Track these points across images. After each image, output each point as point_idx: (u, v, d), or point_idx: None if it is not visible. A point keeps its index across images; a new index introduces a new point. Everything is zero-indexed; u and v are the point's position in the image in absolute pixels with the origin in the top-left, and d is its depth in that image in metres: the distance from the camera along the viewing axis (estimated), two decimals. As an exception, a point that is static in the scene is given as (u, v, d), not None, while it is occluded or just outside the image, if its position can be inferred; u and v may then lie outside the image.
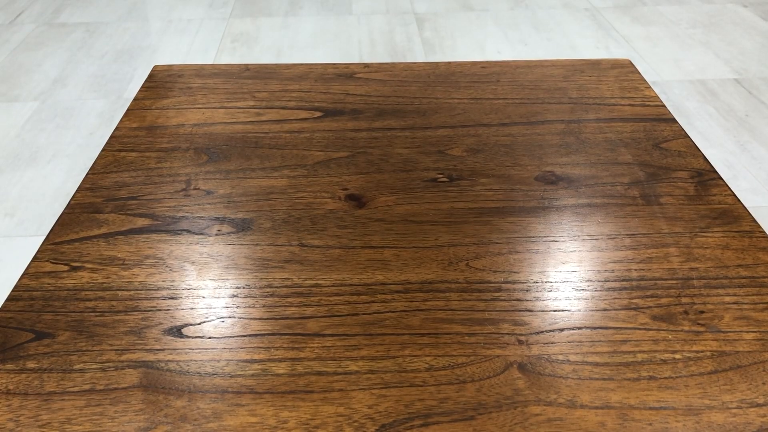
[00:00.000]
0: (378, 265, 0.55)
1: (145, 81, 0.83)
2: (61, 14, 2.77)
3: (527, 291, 0.52)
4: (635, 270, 0.54)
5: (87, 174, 0.66)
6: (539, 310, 0.50)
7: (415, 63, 0.87)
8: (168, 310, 0.50)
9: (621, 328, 0.49)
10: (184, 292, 0.52)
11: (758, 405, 0.43)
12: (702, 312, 0.50)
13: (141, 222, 0.59)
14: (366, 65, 0.86)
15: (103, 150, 0.70)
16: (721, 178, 0.65)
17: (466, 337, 0.48)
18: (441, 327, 0.49)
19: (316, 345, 0.48)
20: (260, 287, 0.53)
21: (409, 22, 2.67)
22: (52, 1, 2.89)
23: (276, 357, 0.47)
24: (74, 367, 0.46)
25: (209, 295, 0.52)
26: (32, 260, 0.55)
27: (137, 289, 0.52)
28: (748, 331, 0.48)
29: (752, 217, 0.60)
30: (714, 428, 0.41)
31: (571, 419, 0.42)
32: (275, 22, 2.68)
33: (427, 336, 0.48)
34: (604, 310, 0.50)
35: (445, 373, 0.45)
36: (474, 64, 0.86)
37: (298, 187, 0.64)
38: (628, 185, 0.64)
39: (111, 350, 0.47)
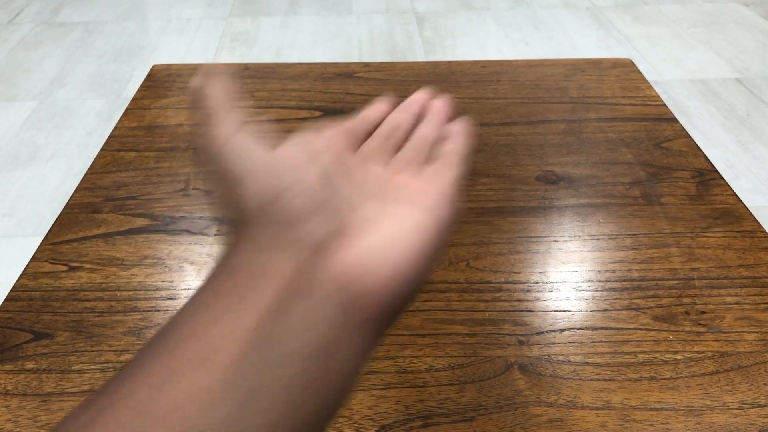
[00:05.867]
0: (378, 265, 0.54)
1: (144, 80, 0.83)
2: (59, 13, 2.77)
3: (528, 291, 0.52)
4: (636, 270, 0.54)
5: (86, 174, 0.65)
6: (540, 311, 0.50)
7: (415, 62, 0.86)
8: (167, 310, 0.50)
9: (622, 329, 0.48)
10: (183, 292, 0.52)
11: (759, 406, 0.43)
12: (703, 312, 0.50)
13: (140, 222, 0.59)
14: (366, 64, 0.86)
15: (101, 150, 0.69)
16: (723, 178, 0.65)
17: (467, 338, 0.48)
18: (441, 327, 0.49)
19: (315, 345, 0.47)
20: (260, 287, 0.52)
21: (409, 21, 2.66)
22: (51, 0, 2.89)
23: (275, 357, 0.46)
24: (73, 368, 0.46)
25: (208, 295, 0.52)
26: (31, 260, 0.55)
27: (136, 290, 0.52)
28: (749, 332, 0.48)
29: (753, 217, 0.59)
30: (715, 429, 0.41)
31: (572, 420, 0.42)
32: (275, 21, 2.68)
33: (428, 336, 0.48)
34: (605, 310, 0.50)
35: (445, 374, 0.45)
36: (474, 63, 0.86)
37: (298, 187, 0.64)
38: (630, 185, 0.64)
39: (110, 351, 0.47)
